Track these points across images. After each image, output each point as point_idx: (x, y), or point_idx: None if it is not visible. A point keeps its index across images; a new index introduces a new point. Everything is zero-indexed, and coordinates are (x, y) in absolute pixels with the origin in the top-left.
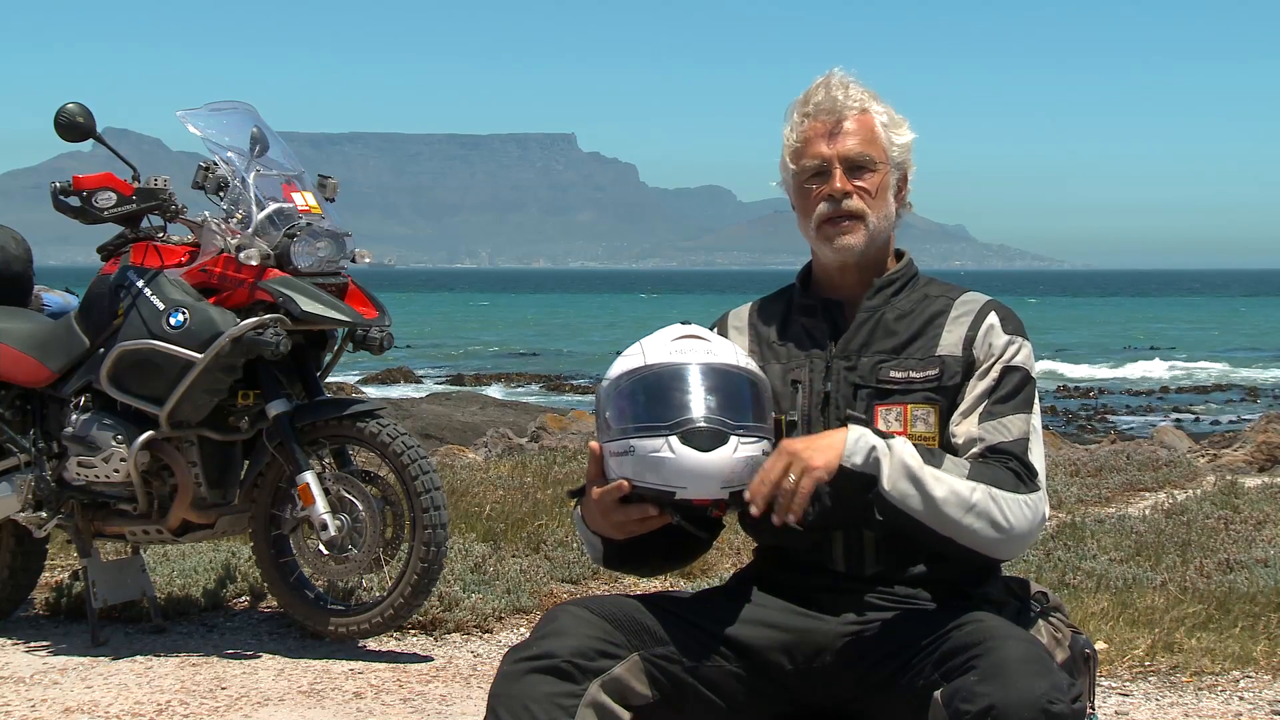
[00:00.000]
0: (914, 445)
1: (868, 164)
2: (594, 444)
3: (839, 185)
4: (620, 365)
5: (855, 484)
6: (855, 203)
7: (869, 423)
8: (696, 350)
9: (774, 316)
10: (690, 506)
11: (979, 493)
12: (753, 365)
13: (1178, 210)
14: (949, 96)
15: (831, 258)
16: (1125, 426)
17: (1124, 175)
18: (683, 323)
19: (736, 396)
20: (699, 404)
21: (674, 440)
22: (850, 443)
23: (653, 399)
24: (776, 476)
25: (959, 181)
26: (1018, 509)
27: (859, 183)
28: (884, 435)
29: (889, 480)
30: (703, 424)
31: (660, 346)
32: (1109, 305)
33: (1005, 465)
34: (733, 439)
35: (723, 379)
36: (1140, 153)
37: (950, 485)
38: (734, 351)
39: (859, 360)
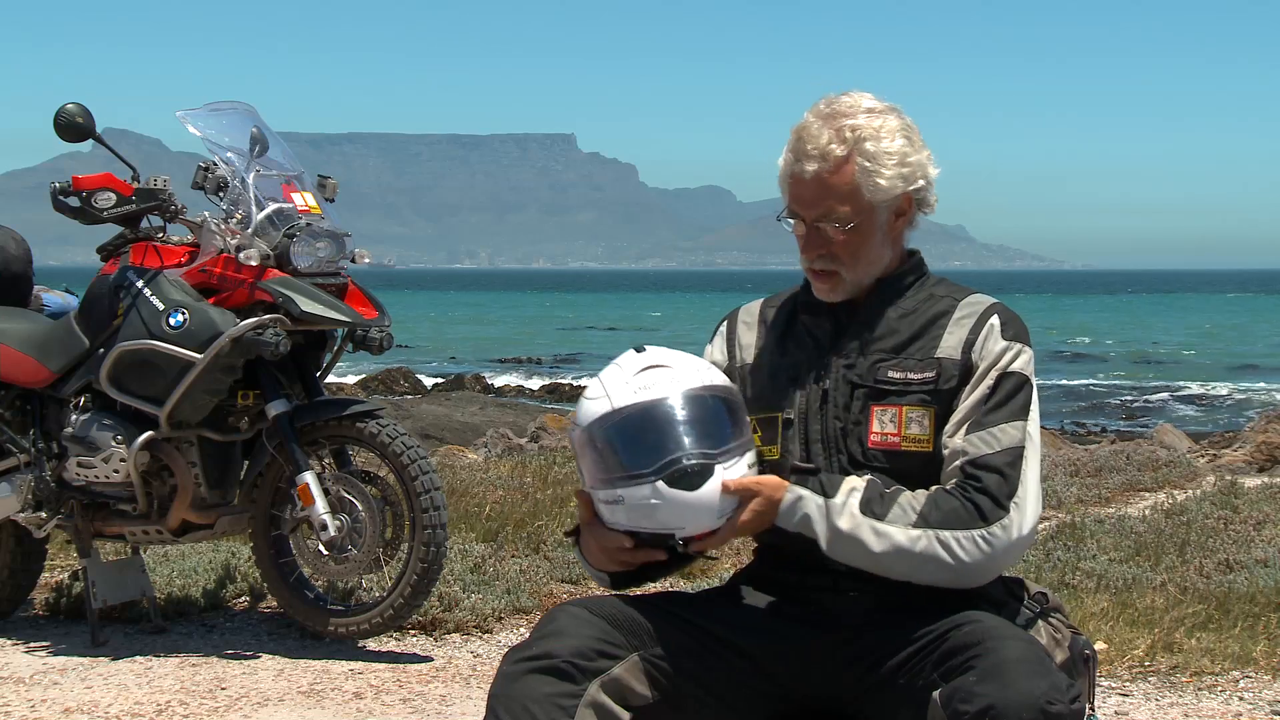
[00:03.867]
0: (862, 492)
1: (840, 223)
2: (580, 490)
3: (809, 249)
4: (587, 410)
5: (796, 542)
6: (824, 264)
7: (815, 471)
8: (660, 382)
9: (782, 313)
10: (692, 539)
11: (924, 541)
12: (718, 376)
13: (1178, 210)
14: (949, 96)
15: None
16: (1120, 428)
17: (1124, 175)
18: (636, 348)
19: (711, 421)
20: (676, 442)
21: (660, 485)
22: (785, 508)
23: (629, 445)
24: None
25: (959, 181)
26: (970, 546)
27: (831, 243)
28: (825, 489)
29: (826, 542)
30: (685, 463)
31: (622, 385)
32: (1094, 304)
33: (967, 494)
34: (717, 469)
35: (694, 406)
36: (1140, 153)
37: (891, 540)
38: (696, 370)
39: (858, 359)
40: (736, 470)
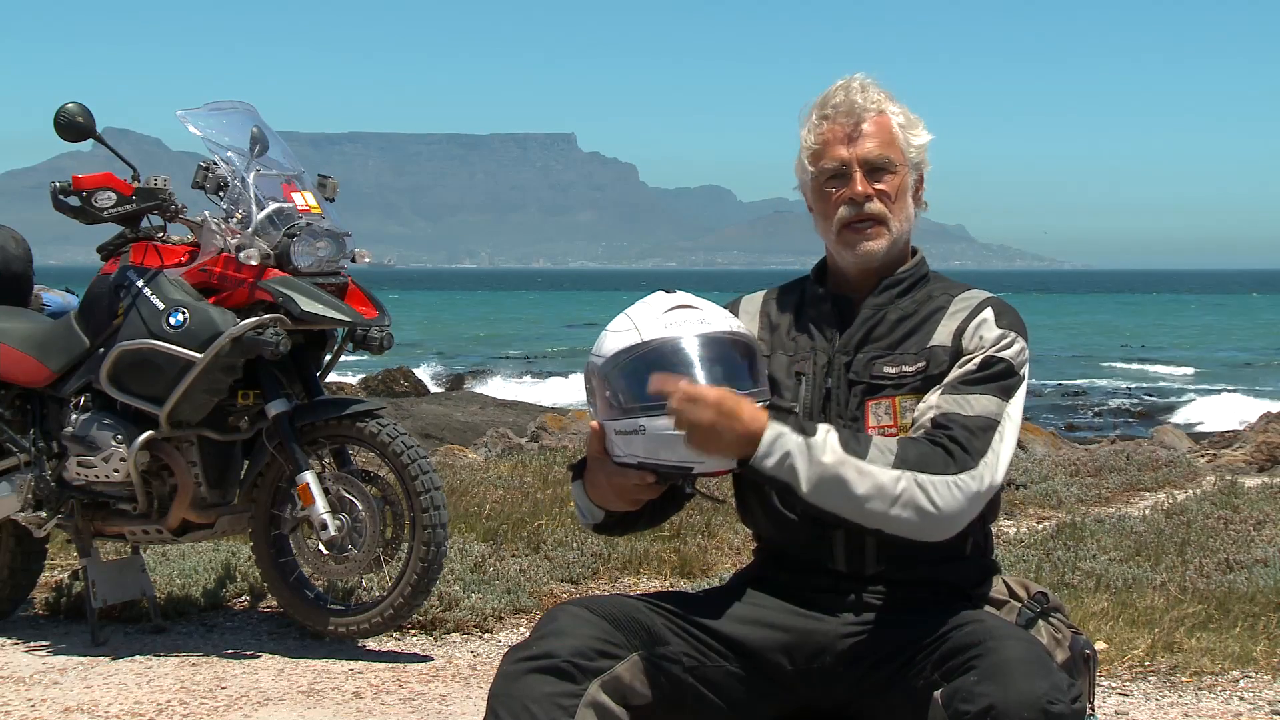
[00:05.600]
0: (837, 432)
1: (887, 166)
2: (594, 423)
3: (860, 189)
4: (614, 342)
5: (768, 483)
6: (876, 206)
7: (791, 411)
8: (690, 321)
9: (786, 307)
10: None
11: (904, 482)
12: (741, 325)
13: (1177, 210)
14: (949, 96)
15: (852, 262)
16: (1118, 430)
17: (1124, 175)
18: (666, 290)
19: (737, 364)
20: (704, 377)
21: None
22: (765, 443)
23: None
24: (687, 418)
25: (959, 181)
26: (945, 491)
27: (879, 185)
28: (804, 429)
29: (807, 483)
30: None
31: (653, 320)
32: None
33: (940, 439)
34: None
35: (721, 348)
36: (1140, 153)
37: (874, 479)
38: (725, 317)
39: (855, 356)
40: None
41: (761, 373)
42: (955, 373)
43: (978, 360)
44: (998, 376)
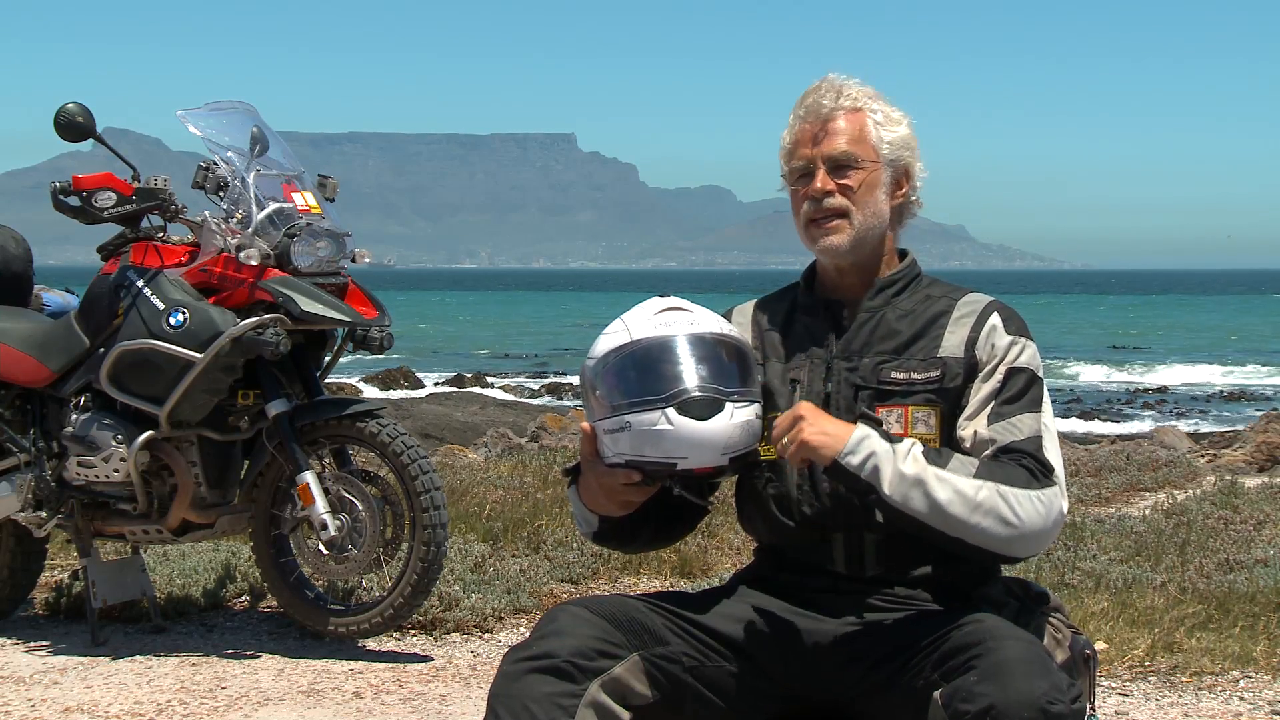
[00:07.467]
0: (922, 445)
1: (851, 162)
2: (585, 424)
3: (819, 185)
4: (605, 343)
5: (850, 483)
6: (836, 200)
7: (879, 424)
8: (681, 321)
9: (777, 314)
10: (692, 476)
11: (985, 490)
12: (734, 329)
13: (1178, 210)
14: (949, 96)
15: (822, 259)
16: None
17: (1124, 175)
18: (661, 295)
19: (726, 363)
20: (691, 374)
21: (671, 412)
22: (851, 442)
23: (644, 373)
24: (781, 433)
25: (959, 181)
26: (1029, 504)
27: (842, 181)
28: (890, 439)
29: (889, 485)
30: (698, 393)
31: (644, 321)
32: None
33: (1018, 463)
34: (728, 405)
35: (710, 347)
36: (1140, 153)
37: (955, 485)
38: (717, 320)
39: (860, 361)
40: (746, 413)
41: (753, 377)
42: (982, 391)
43: (1000, 375)
44: (1026, 389)
